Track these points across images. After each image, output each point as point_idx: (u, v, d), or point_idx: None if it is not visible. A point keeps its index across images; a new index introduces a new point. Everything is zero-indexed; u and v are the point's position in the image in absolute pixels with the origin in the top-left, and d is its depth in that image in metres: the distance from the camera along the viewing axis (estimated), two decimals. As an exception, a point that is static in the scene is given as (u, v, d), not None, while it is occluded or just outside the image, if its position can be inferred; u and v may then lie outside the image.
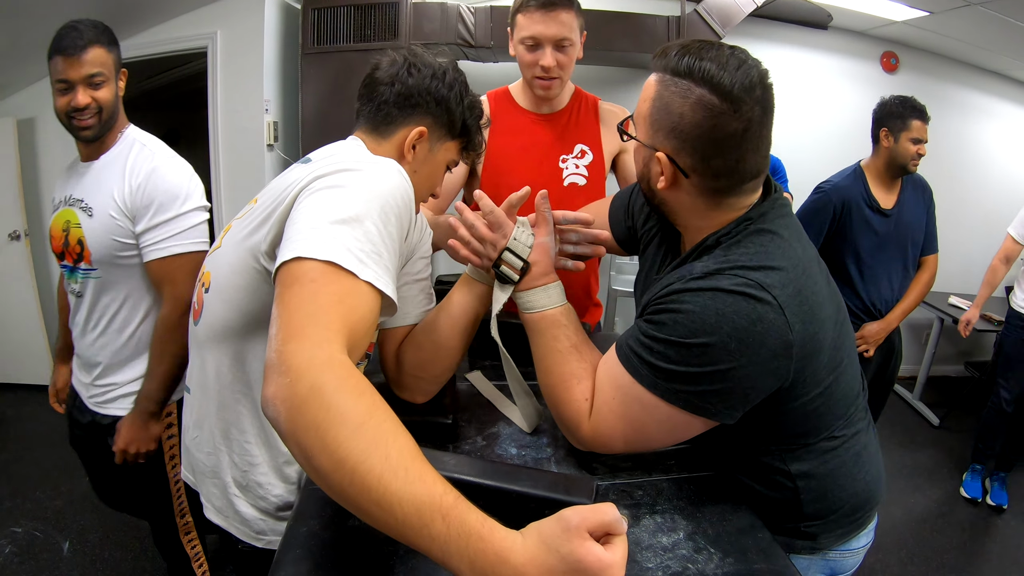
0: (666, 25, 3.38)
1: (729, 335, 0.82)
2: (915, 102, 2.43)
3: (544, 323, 1.05)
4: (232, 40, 3.38)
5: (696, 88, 0.86)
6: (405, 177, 0.93)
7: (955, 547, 2.76)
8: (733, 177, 0.91)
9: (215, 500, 1.13)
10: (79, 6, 3.00)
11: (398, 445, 0.61)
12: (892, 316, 2.56)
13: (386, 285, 0.81)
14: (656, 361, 0.87)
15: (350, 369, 0.66)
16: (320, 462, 0.60)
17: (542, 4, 1.56)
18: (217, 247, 1.07)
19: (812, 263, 0.94)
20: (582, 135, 1.78)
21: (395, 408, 1.12)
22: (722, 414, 0.88)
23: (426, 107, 1.09)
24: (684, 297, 0.86)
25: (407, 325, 1.21)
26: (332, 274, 0.75)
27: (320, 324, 0.69)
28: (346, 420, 0.60)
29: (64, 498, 2.76)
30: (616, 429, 0.95)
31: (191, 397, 1.13)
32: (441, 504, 0.58)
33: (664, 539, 0.88)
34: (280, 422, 0.63)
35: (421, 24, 3.30)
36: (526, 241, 1.07)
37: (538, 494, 0.81)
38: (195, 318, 1.09)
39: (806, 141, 4.15)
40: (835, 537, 1.06)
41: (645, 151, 0.96)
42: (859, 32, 4.20)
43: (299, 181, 0.89)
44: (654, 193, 0.98)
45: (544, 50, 1.61)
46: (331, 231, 0.78)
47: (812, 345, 0.87)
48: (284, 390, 0.63)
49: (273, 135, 3.44)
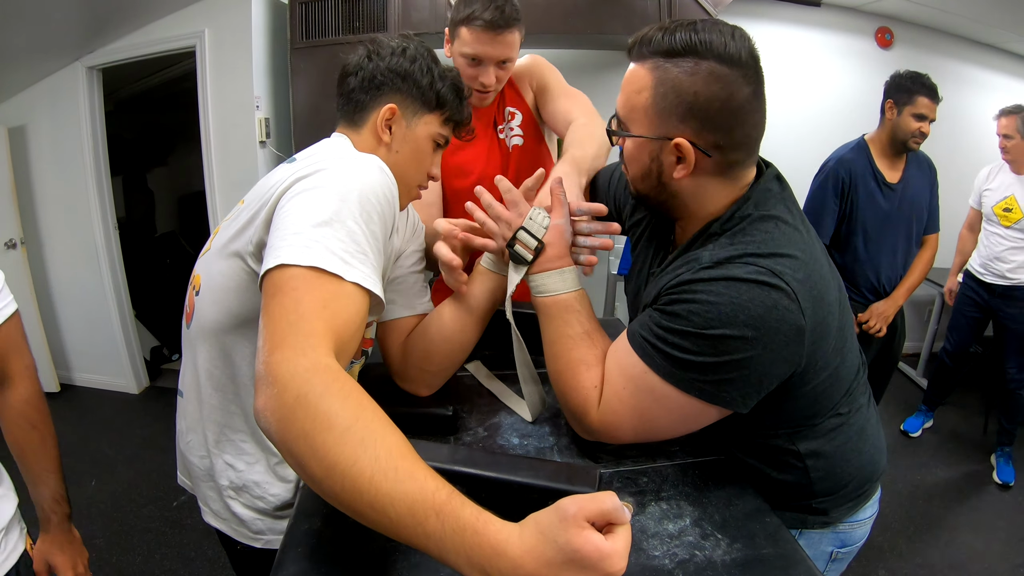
0: (657, 6, 3.34)
1: (746, 324, 0.81)
2: (927, 79, 2.41)
3: (556, 308, 1.03)
4: (220, 38, 3.35)
5: (703, 62, 0.84)
6: (386, 172, 0.92)
7: (963, 523, 2.76)
8: (750, 146, 0.91)
9: (212, 503, 1.12)
10: (66, 11, 2.99)
11: (387, 445, 0.61)
12: (897, 294, 2.57)
13: (374, 284, 0.80)
14: (672, 351, 0.86)
15: (335, 373, 0.66)
16: (312, 469, 0.60)
17: (491, 25, 1.47)
18: (207, 250, 1.06)
19: (816, 245, 0.93)
20: (506, 99, 1.76)
21: (397, 400, 1.13)
22: (737, 403, 0.87)
23: (391, 84, 1.08)
24: (698, 287, 0.85)
25: (412, 316, 1.20)
26: (315, 279, 0.74)
27: (303, 332, 0.69)
28: (333, 425, 0.60)
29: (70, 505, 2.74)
30: (625, 419, 0.94)
31: (184, 401, 1.12)
32: (434, 501, 0.58)
33: (670, 526, 0.87)
34: (272, 433, 0.63)
35: (409, 13, 3.27)
36: (541, 222, 1.05)
37: (540, 484, 0.80)
38: (187, 321, 1.08)
39: (800, 119, 4.12)
40: (845, 510, 1.06)
41: (652, 146, 0.92)
42: (852, 8, 4.16)
43: (282, 182, 0.88)
44: (664, 187, 0.95)
45: (487, 68, 1.55)
46: (313, 235, 0.77)
47: (821, 330, 0.86)
48: (272, 401, 0.63)
49: (265, 131, 3.42)
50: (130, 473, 3.09)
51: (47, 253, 3.90)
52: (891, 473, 0.96)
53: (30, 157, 3.75)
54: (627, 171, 1.00)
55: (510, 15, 1.48)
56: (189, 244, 5.12)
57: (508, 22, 1.48)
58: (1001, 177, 3.14)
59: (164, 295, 4.39)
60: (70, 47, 3.43)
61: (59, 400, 3.88)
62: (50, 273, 3.93)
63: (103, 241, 3.77)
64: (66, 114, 3.61)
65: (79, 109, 3.57)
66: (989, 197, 3.15)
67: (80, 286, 3.89)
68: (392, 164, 1.04)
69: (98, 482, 3.00)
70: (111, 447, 3.35)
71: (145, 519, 2.74)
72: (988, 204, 3.14)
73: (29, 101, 3.66)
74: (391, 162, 1.06)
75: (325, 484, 0.60)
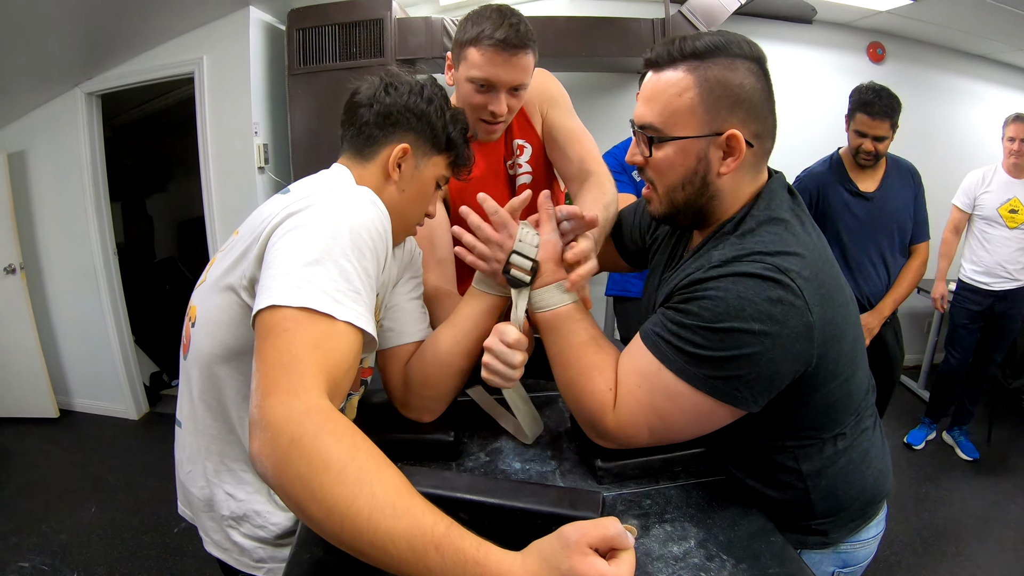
0: (651, 28, 3.38)
1: (753, 317, 0.83)
2: (866, 94, 2.39)
3: (558, 320, 1.04)
4: (218, 64, 3.38)
5: (736, 59, 0.91)
6: (378, 206, 0.92)
7: (970, 535, 2.73)
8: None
9: (213, 533, 1.11)
10: (65, 37, 3.02)
11: (383, 482, 0.61)
12: (883, 305, 2.54)
13: (367, 323, 0.80)
14: (684, 346, 0.88)
15: (329, 414, 0.66)
16: (312, 511, 0.61)
17: (506, 44, 1.31)
18: (203, 281, 1.06)
19: (827, 251, 0.96)
20: (514, 131, 1.61)
21: (398, 427, 1.13)
22: (748, 401, 0.88)
23: (407, 123, 1.08)
24: (707, 284, 0.88)
25: (411, 343, 1.19)
26: (306, 319, 0.75)
27: (295, 373, 0.69)
28: (329, 466, 0.61)
29: (69, 531, 2.74)
30: (640, 418, 0.94)
31: (182, 431, 1.11)
32: (433, 534, 0.58)
33: (675, 548, 0.87)
34: (268, 477, 0.64)
35: (406, 39, 3.31)
36: (532, 241, 1.05)
37: (543, 510, 0.80)
38: (184, 352, 1.09)
39: (795, 136, 4.13)
40: (846, 531, 1.06)
41: (700, 145, 0.93)
42: (844, 24, 4.20)
43: (273, 216, 0.88)
44: (706, 188, 0.96)
45: (498, 95, 1.38)
46: (304, 274, 0.78)
47: (831, 330, 0.87)
48: (267, 446, 0.64)
49: (263, 157, 3.44)
50: (130, 500, 3.06)
51: (46, 278, 3.91)
52: (896, 487, 0.96)
53: (29, 182, 3.78)
54: (660, 186, 1.00)
55: (525, 34, 1.34)
56: (188, 270, 5.12)
57: (523, 41, 1.34)
58: (999, 179, 3.16)
59: (163, 321, 4.39)
60: (69, 73, 3.47)
61: (58, 426, 3.87)
62: (49, 298, 3.93)
63: (102, 267, 3.78)
64: (65, 140, 3.63)
65: (78, 135, 3.60)
66: (989, 200, 3.16)
67: (79, 311, 3.89)
68: (397, 202, 1.05)
69: (98, 508, 2.97)
70: (111, 473, 3.33)
71: (146, 546, 2.71)
72: (990, 206, 3.15)
73: (29, 127, 3.69)
74: (396, 200, 1.08)
75: (325, 525, 0.60)
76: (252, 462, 0.66)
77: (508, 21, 1.32)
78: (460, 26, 1.40)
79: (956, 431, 3.47)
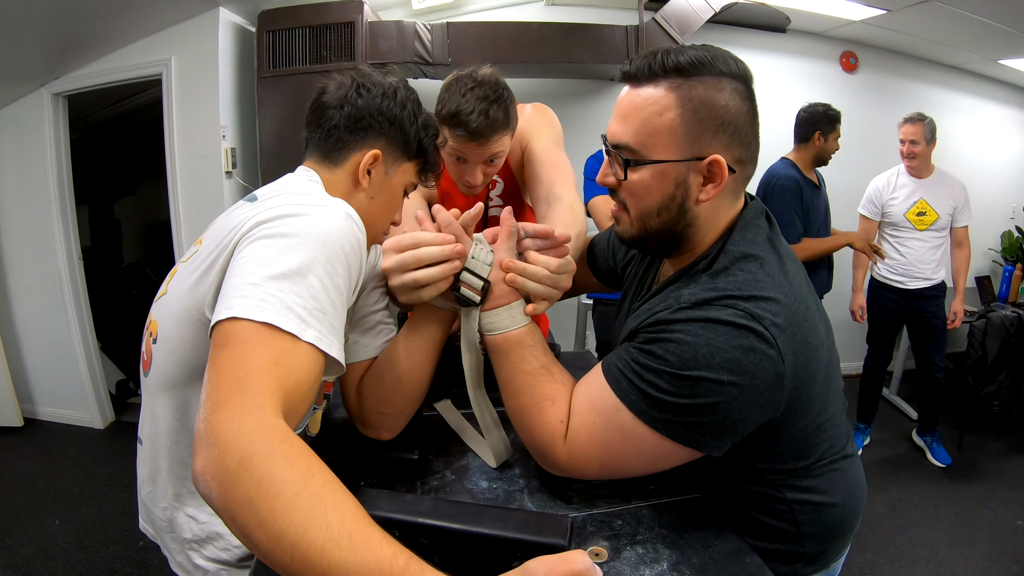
0: (624, 35, 3.38)
1: (723, 367, 0.79)
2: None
3: (509, 345, 0.99)
4: (187, 66, 3.31)
5: (722, 79, 0.86)
6: (354, 219, 0.89)
7: (943, 540, 2.76)
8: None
9: (175, 555, 1.07)
10: (31, 36, 2.94)
11: (339, 511, 0.57)
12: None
13: (330, 345, 0.76)
14: (647, 389, 0.84)
15: (283, 434, 0.62)
16: (259, 539, 0.56)
17: (474, 135, 1.33)
18: (163, 293, 1.01)
19: (803, 285, 0.91)
20: None
21: (361, 445, 1.09)
22: (710, 446, 0.85)
23: (379, 128, 1.04)
24: (675, 327, 0.83)
25: (369, 359, 1.13)
26: (267, 334, 0.70)
27: (250, 390, 0.65)
28: (280, 491, 0.56)
29: (34, 544, 2.67)
30: (593, 454, 0.91)
31: (143, 449, 1.07)
32: (391, 569, 0.55)
33: (647, 571, 0.84)
34: (212, 498, 0.59)
35: (377, 43, 3.27)
36: (484, 259, 0.99)
37: (508, 536, 0.76)
38: (144, 369, 1.04)
39: (765, 145, 4.15)
40: (833, 554, 1.04)
41: (679, 169, 0.87)
42: (817, 33, 4.24)
43: (242, 225, 0.84)
44: (683, 215, 0.91)
45: (473, 167, 1.41)
46: (270, 287, 0.73)
47: (804, 374, 0.84)
48: (213, 464, 0.59)
49: (231, 162, 3.37)
50: (94, 511, 2.98)
51: (10, 283, 3.80)
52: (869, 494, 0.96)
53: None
54: (633, 209, 0.94)
55: (495, 119, 1.33)
56: (155, 274, 5.00)
57: (494, 129, 1.34)
58: (903, 183, 3.26)
59: (130, 327, 4.28)
60: (35, 73, 3.37)
61: (22, 435, 3.76)
62: (13, 304, 3.82)
63: (67, 272, 3.68)
64: (31, 141, 3.54)
65: (44, 136, 3.51)
66: (897, 206, 3.26)
67: (44, 318, 3.79)
68: (366, 210, 1.00)
69: (62, 520, 2.89)
70: (75, 484, 3.24)
71: (110, 559, 2.64)
72: (898, 212, 3.25)
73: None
74: (365, 208, 1.03)
75: (274, 555, 0.56)
76: (194, 481, 0.61)
77: (479, 108, 1.31)
78: (440, 94, 1.39)
79: (928, 437, 3.50)
